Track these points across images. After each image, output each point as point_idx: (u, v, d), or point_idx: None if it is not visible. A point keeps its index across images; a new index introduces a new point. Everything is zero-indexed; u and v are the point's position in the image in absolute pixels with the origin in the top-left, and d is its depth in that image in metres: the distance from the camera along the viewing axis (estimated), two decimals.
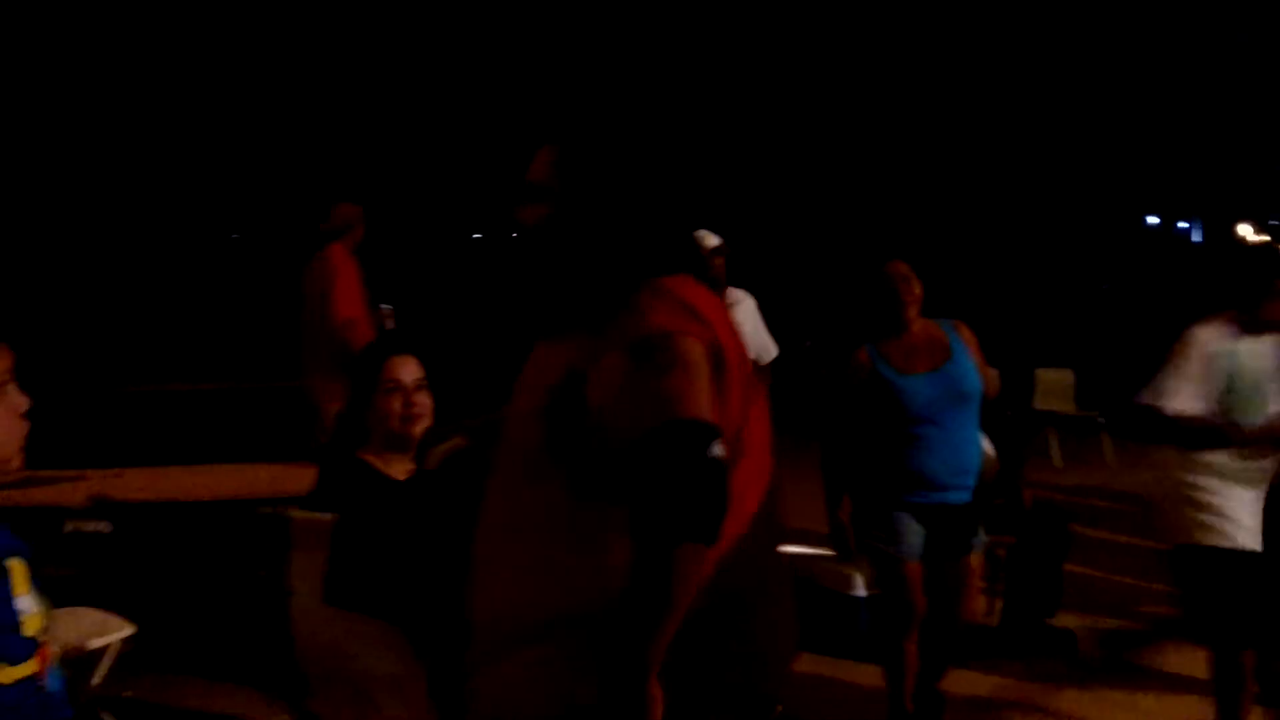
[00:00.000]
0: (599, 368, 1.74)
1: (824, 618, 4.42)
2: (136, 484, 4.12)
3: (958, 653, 3.63)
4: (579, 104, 10.60)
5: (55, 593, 1.67)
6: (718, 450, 1.66)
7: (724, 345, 1.79)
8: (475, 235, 17.25)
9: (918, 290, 3.46)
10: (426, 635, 2.47)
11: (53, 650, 1.57)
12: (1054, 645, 4.43)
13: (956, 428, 3.41)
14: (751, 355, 4.30)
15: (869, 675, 3.81)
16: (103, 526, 3.83)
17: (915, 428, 3.39)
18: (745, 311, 4.51)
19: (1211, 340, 3.16)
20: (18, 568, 1.54)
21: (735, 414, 1.79)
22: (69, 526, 3.78)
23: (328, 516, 2.56)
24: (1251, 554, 3.13)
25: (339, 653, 2.57)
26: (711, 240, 4.45)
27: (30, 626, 1.52)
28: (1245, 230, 23.46)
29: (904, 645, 3.49)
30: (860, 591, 4.32)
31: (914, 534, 3.41)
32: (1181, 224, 19.08)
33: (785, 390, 4.66)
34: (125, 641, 3.36)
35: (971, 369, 3.46)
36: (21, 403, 1.54)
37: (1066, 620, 4.59)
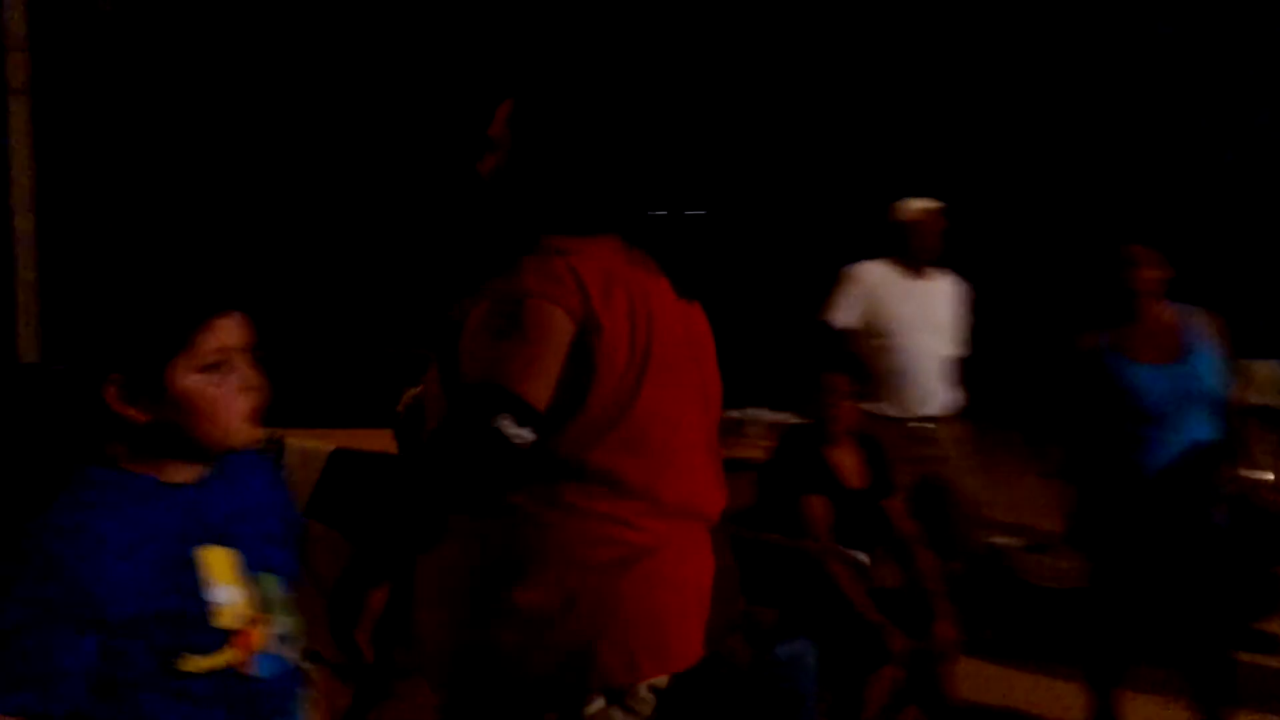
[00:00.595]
0: (467, 322, 1.77)
1: (1025, 612, 4.32)
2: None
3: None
4: (539, 62, 10.54)
5: None
6: (512, 426, 1.66)
7: (602, 317, 1.74)
8: None
9: (1156, 276, 3.22)
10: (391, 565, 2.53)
11: (265, 636, 1.53)
12: (1259, 649, 4.22)
13: (1186, 428, 3.19)
14: (944, 346, 4.19)
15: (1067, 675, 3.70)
16: None
17: (1141, 425, 3.17)
18: (939, 296, 4.24)
19: None
20: (214, 557, 1.50)
21: (615, 389, 1.75)
22: None
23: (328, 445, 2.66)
24: None
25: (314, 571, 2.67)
26: (917, 205, 4.16)
27: (225, 617, 1.48)
28: None
29: (1116, 649, 3.37)
30: (1065, 585, 4.16)
31: (1131, 532, 3.25)
32: None
33: (993, 383, 4.51)
34: None
35: (1210, 365, 3.22)
36: (249, 378, 1.51)
37: (1276, 626, 4.37)
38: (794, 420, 3.90)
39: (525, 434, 1.67)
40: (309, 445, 3.21)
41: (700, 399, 1.93)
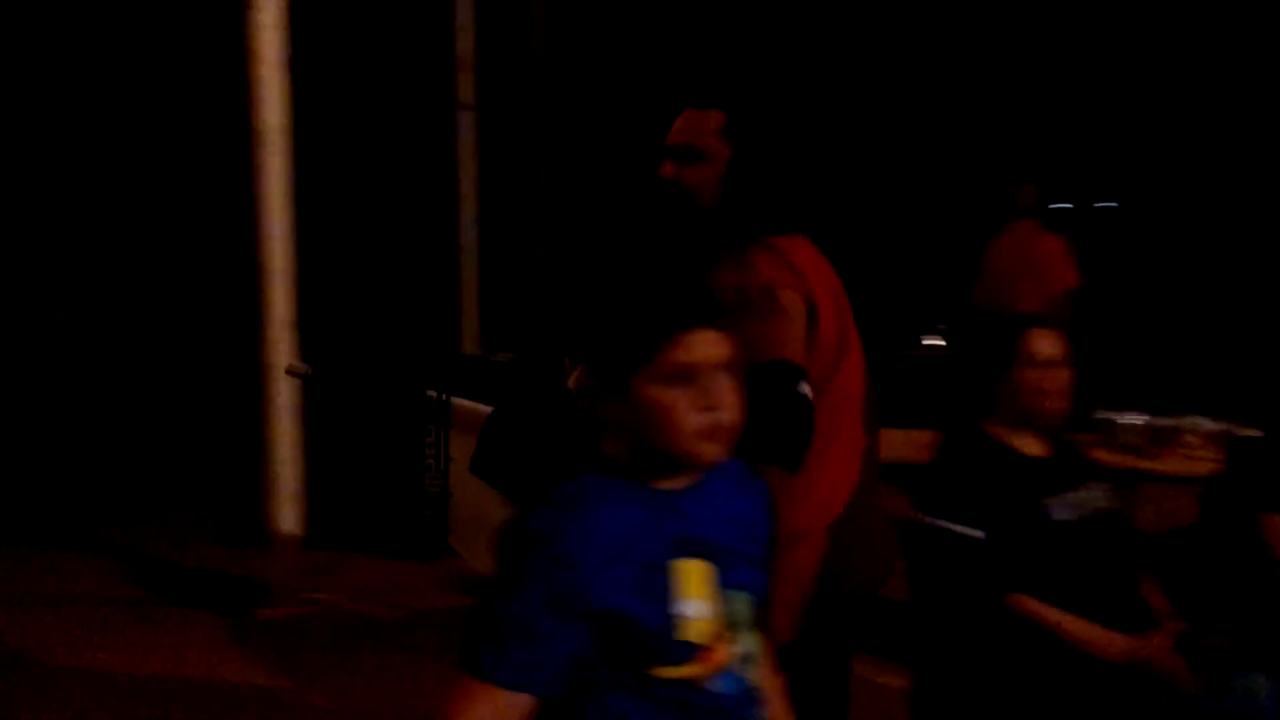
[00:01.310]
0: None
1: None
2: None
3: None
4: (740, 74, 10.17)
5: None
6: (804, 389, 1.97)
7: (818, 301, 2.07)
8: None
9: None
10: None
11: (729, 654, 1.53)
12: None
13: None
14: None
15: None
16: None
17: None
18: None
19: None
20: (691, 569, 1.51)
21: (827, 361, 2.09)
22: None
23: (484, 406, 3.02)
24: None
25: (483, 508, 3.10)
26: None
27: (692, 631, 1.48)
28: None
29: None
30: None
31: None
32: None
33: None
34: None
35: None
36: (714, 395, 1.48)
37: None
38: (1238, 431, 3.57)
39: (810, 391, 1.99)
40: (475, 407, 3.48)
41: (864, 380, 2.26)
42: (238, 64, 4.36)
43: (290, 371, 3.96)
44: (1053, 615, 2.45)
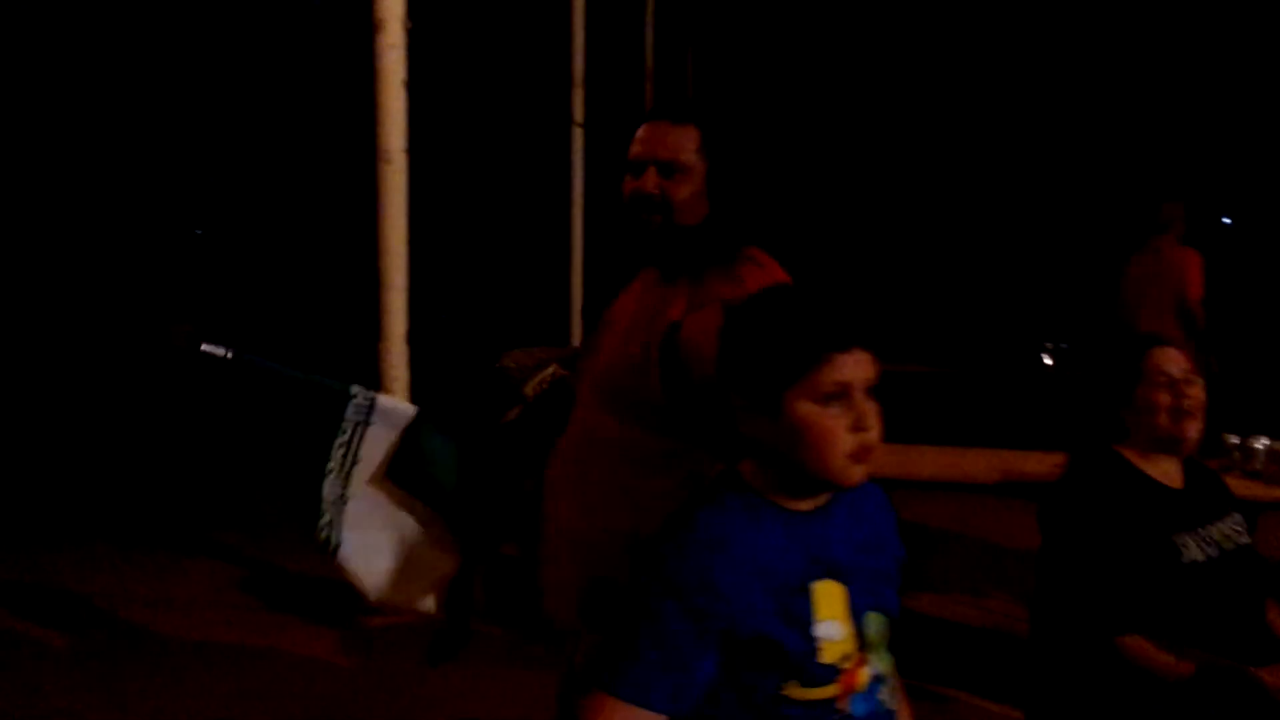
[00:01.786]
0: (694, 319, 2.05)
1: None
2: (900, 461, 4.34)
3: None
4: (710, 93, 10.14)
5: None
6: None
7: None
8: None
9: None
10: (472, 532, 2.72)
11: (866, 676, 1.53)
12: None
13: None
14: None
15: None
16: None
17: None
18: None
19: None
20: (826, 591, 1.51)
21: None
22: None
23: (411, 407, 2.92)
24: None
25: (385, 520, 2.87)
26: None
27: (830, 654, 1.48)
28: None
29: None
30: None
31: None
32: None
33: None
34: None
35: None
36: (863, 416, 1.48)
37: None
38: None
39: None
40: (399, 405, 3.41)
41: None
42: (366, 86, 4.46)
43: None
44: (1170, 657, 2.36)
